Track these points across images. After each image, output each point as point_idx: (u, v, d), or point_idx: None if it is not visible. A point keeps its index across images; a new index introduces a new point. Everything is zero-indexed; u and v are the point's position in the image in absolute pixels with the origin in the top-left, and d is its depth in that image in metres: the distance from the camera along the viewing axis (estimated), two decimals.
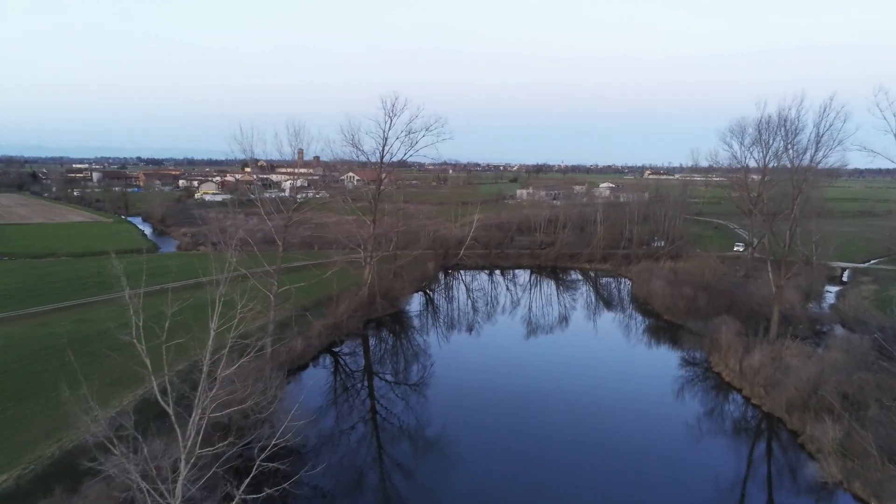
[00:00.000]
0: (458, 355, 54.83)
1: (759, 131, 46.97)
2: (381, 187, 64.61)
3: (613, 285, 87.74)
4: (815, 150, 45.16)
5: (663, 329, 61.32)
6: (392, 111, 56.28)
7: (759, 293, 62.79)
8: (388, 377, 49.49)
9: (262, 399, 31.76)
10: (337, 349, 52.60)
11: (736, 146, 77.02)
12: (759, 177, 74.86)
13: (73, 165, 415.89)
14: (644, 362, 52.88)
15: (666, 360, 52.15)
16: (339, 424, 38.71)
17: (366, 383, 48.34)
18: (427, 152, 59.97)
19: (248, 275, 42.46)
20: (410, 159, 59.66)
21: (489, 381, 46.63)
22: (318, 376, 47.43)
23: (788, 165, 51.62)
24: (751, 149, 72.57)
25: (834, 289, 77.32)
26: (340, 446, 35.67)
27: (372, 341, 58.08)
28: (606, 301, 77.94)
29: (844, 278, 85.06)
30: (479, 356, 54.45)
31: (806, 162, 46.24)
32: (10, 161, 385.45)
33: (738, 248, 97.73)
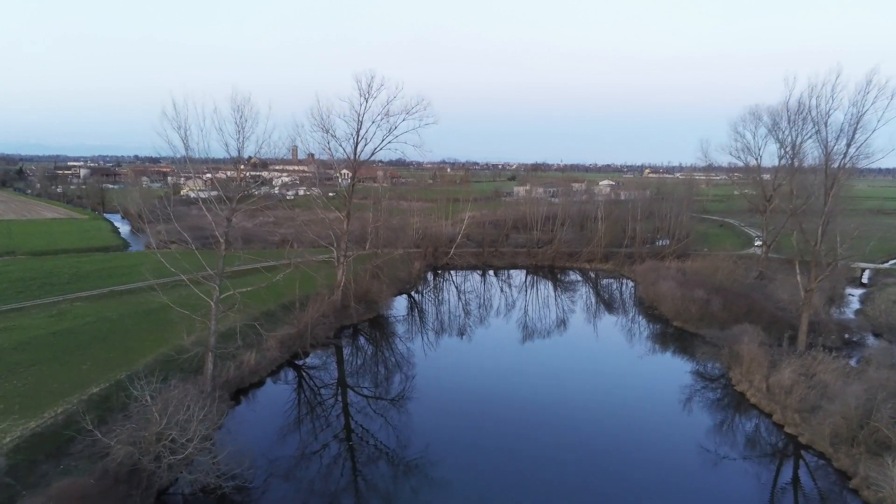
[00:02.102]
0: (446, 365, 48.66)
1: (787, 112, 40.47)
2: (358, 179, 58.05)
3: (616, 287, 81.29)
4: (853, 134, 38.67)
5: (673, 337, 54.86)
6: (368, 91, 49.73)
7: (780, 297, 56.60)
8: (365, 391, 43.36)
9: (182, 434, 25.22)
10: (301, 362, 46.15)
11: (749, 136, 71.21)
12: (776, 169, 68.83)
13: (69, 163, 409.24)
14: (653, 376, 46.45)
15: (678, 374, 45.71)
16: (307, 447, 33.06)
17: (339, 399, 42.25)
18: (409, 138, 53.32)
19: (186, 280, 36.35)
20: (392, 146, 52.96)
21: (479, 394, 41.03)
22: (278, 394, 41.15)
23: (816, 153, 45.13)
24: (770, 135, 66.52)
25: (856, 292, 71.05)
26: (309, 471, 30.36)
27: (346, 351, 51.68)
28: (609, 304, 71.47)
29: (865, 280, 78.85)
30: (468, 366, 48.23)
31: (841, 147, 39.77)
32: (3, 159, 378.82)
33: (759, 242, 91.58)
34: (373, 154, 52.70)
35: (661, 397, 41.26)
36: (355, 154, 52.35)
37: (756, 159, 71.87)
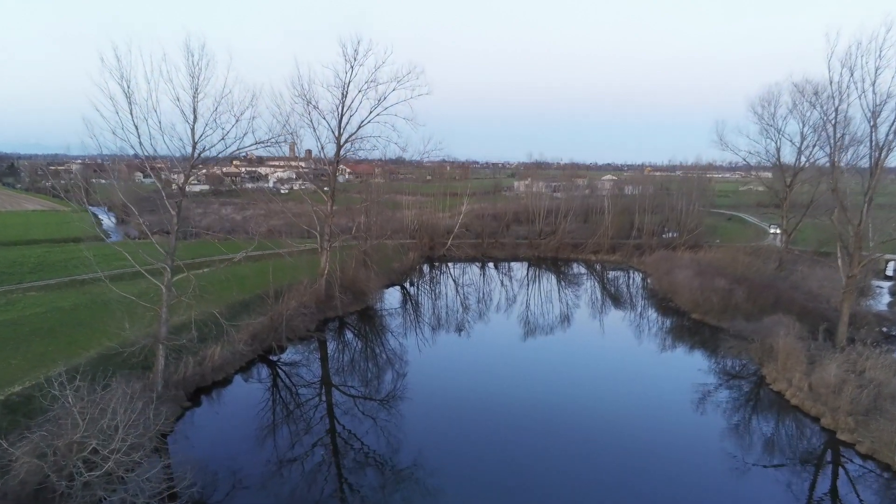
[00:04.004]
0: (441, 363, 43.80)
1: (829, 72, 35.41)
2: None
3: (624, 278, 76.29)
4: None
5: (692, 331, 49.76)
6: (354, 57, 44.70)
7: (808, 286, 51.73)
8: (352, 390, 38.52)
9: (105, 444, 20.15)
10: (276, 357, 41.16)
11: (768, 117, 66.23)
12: (799, 150, 63.96)
13: (65, 161, 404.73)
14: (670, 374, 41.35)
15: (699, 372, 40.62)
16: (283, 453, 28.49)
17: (322, 399, 37.40)
18: (400, 110, 48.19)
19: (143, 271, 31.24)
20: (382, 118, 47.70)
21: (478, 395, 36.18)
22: (248, 394, 36.18)
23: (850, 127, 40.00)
24: (791, 115, 61.69)
25: (884, 284, 66.28)
26: (285, 480, 25.98)
27: (331, 346, 46.72)
28: (618, 297, 66.46)
29: (889, 272, 73.91)
30: (466, 364, 43.31)
31: (888, 115, 34.71)
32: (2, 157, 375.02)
33: (774, 230, 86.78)
34: (360, 127, 47.60)
35: (681, 398, 36.12)
36: (340, 127, 47.23)
37: (775, 141, 66.97)
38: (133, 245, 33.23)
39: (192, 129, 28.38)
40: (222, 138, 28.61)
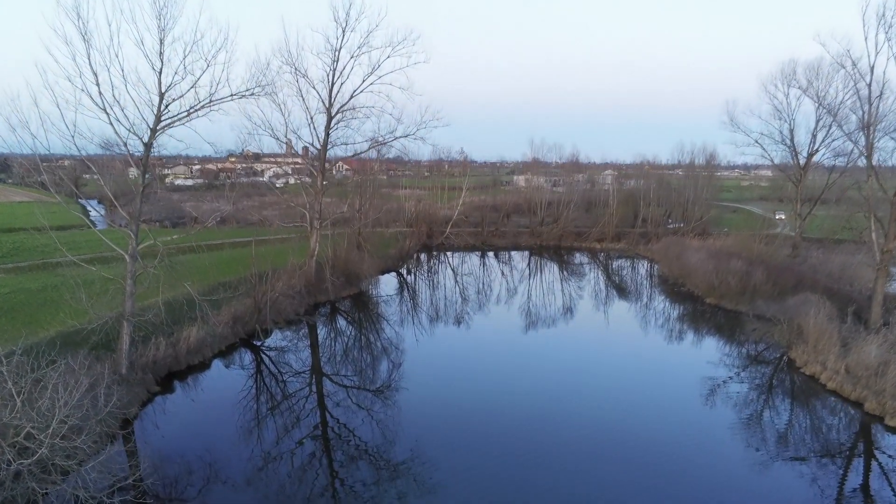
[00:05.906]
0: (439, 353, 40.77)
1: (864, 26, 32.41)
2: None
3: (632, 266, 73.35)
4: None
5: (707, 315, 46.71)
6: (346, 21, 41.60)
7: (829, 269, 48.88)
8: (344, 380, 35.64)
9: (43, 429, 16.99)
10: (260, 342, 38.08)
11: (781, 97, 63.21)
12: (815, 131, 60.98)
13: (60, 159, 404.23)
14: (687, 361, 38.32)
15: (718, 358, 37.58)
16: (267, 445, 25.76)
17: (312, 388, 34.56)
18: (395, 80, 45.01)
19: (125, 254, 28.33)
20: (375, 88, 44.49)
21: (477, 386, 33.34)
22: (229, 380, 33.20)
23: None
24: (805, 95, 58.69)
25: None
26: (269, 475, 23.29)
27: (321, 332, 43.73)
28: (626, 284, 63.48)
29: None
30: (465, 355, 40.32)
31: None
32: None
33: (780, 216, 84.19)
34: (352, 97, 44.39)
35: (700, 386, 32.91)
36: (331, 97, 44.10)
37: (788, 123, 64.00)
38: (110, 231, 30.35)
39: (159, 78, 25.26)
40: (192, 86, 25.39)
